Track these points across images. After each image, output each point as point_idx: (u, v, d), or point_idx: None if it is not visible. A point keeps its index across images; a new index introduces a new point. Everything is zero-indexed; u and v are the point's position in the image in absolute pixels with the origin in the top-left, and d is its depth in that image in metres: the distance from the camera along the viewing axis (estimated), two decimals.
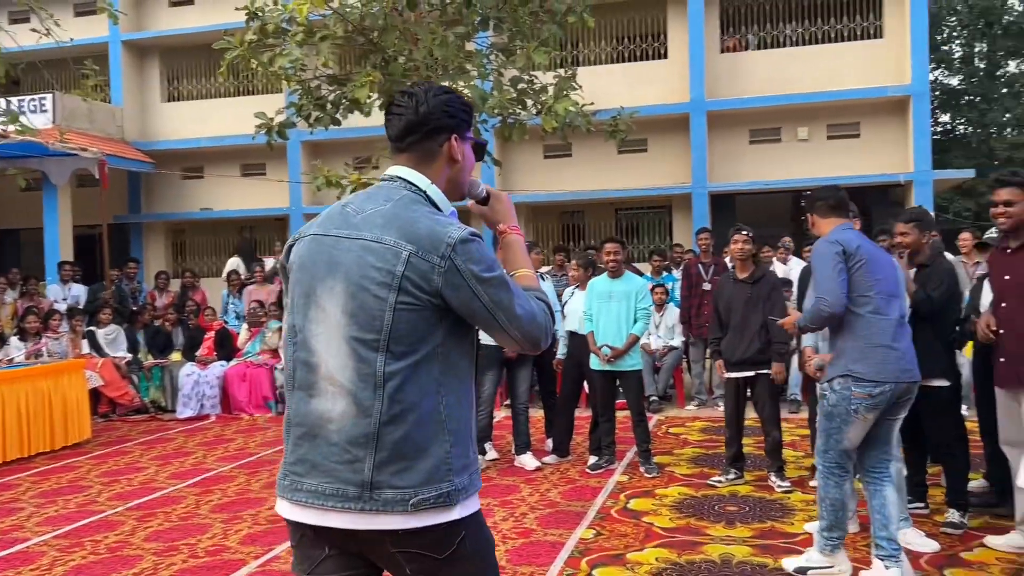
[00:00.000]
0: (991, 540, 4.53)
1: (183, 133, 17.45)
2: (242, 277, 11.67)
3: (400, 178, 2.02)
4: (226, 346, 10.27)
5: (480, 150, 2.15)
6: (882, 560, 3.97)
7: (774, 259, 10.07)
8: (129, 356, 10.16)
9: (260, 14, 9.46)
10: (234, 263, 12.19)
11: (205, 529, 5.29)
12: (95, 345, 10.05)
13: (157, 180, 17.73)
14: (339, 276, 1.90)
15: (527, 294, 1.98)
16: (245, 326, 10.47)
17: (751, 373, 5.88)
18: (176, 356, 10.38)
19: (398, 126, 2.03)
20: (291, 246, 2.06)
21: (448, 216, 1.98)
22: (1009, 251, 4.40)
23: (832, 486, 4.04)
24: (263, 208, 17.28)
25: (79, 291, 11.70)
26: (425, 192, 2.01)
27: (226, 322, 10.99)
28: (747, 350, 5.84)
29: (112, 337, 10.22)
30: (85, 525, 5.47)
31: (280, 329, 10.07)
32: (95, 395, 9.50)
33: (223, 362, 9.99)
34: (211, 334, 10.36)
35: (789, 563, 4.27)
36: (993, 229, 5.72)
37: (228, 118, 16.78)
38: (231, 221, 17.87)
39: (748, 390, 6.00)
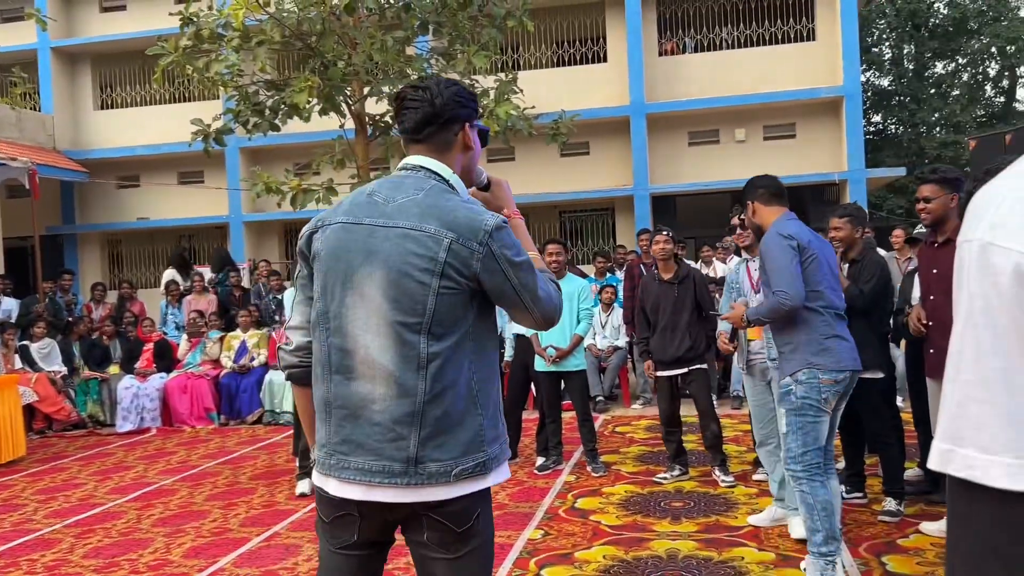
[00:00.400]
0: (926, 526, 4.66)
1: (117, 141, 17.08)
2: (181, 287, 11.46)
3: (424, 167, 2.11)
4: (166, 358, 10.08)
5: (484, 136, 2.23)
6: (821, 556, 3.93)
7: (714, 258, 10.23)
8: (64, 370, 9.90)
9: (195, 19, 9.32)
10: (170, 274, 11.97)
11: (147, 544, 5.17)
12: (28, 360, 9.76)
13: (91, 190, 17.33)
14: (378, 263, 1.98)
15: (543, 276, 2.12)
16: (185, 337, 10.28)
17: (684, 370, 5.97)
18: (114, 369, 10.14)
19: (415, 118, 2.11)
20: (312, 233, 2.10)
21: (474, 203, 2.10)
22: (936, 245, 4.55)
23: (819, 487, 3.80)
24: (202, 216, 17.01)
25: (10, 305, 11.34)
26: (448, 180, 2.11)
27: (165, 333, 10.78)
28: (678, 348, 5.92)
29: (46, 351, 9.95)
30: (21, 544, 5.31)
31: (221, 338, 9.92)
32: (29, 411, 9.23)
33: (163, 374, 9.79)
34: (150, 346, 10.14)
35: None
36: (921, 225, 5.91)
37: (164, 125, 16.49)
38: (169, 230, 17.55)
39: (681, 386, 6.09)
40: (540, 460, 6.62)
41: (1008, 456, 0.72)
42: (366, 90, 10.08)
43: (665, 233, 6.03)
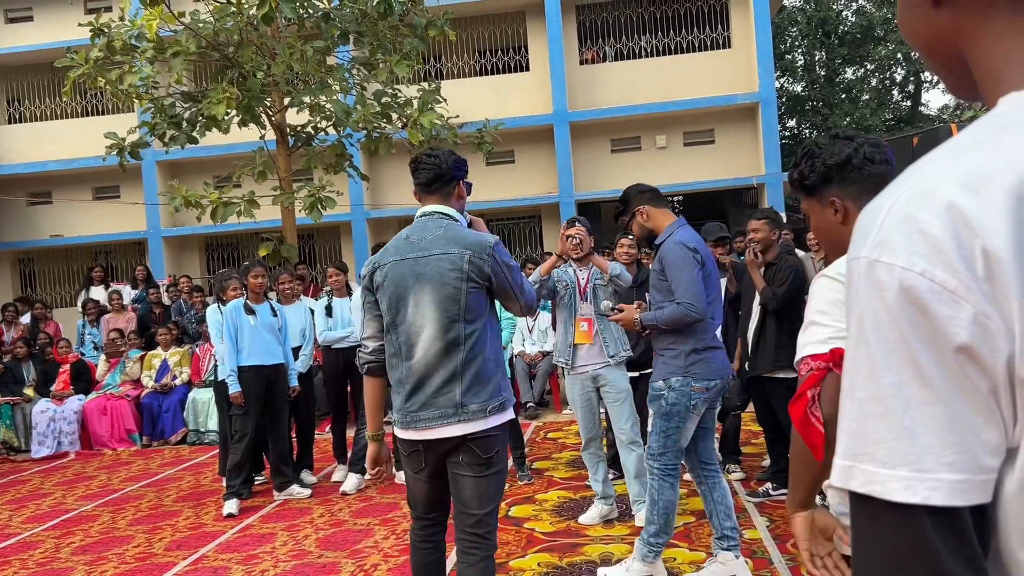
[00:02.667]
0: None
1: (28, 156, 16.45)
2: (98, 305, 11.10)
3: (437, 212, 3.13)
4: (83, 379, 9.74)
5: (469, 188, 3.26)
6: (730, 550, 4.08)
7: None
8: None
9: (106, 31, 9.07)
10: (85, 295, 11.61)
11: (66, 574, 4.98)
12: None
13: (1, 207, 16.67)
14: (425, 280, 2.99)
15: (525, 277, 3.19)
16: (103, 357, 9.95)
17: (636, 374, 5.99)
18: (28, 392, 9.75)
19: (428, 176, 3.14)
20: (373, 272, 3.11)
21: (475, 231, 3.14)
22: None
23: (667, 488, 3.99)
24: (119, 232, 16.50)
25: None
26: (455, 218, 3.13)
27: (83, 354, 10.43)
28: (633, 351, 5.93)
29: None
30: None
31: (141, 357, 9.64)
32: None
33: (81, 396, 9.46)
34: (66, 367, 9.79)
35: (604, 573, 4.22)
36: None
37: (76, 139, 15.96)
38: (84, 247, 16.99)
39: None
40: None
41: (905, 469, 0.73)
42: (286, 100, 9.95)
43: (629, 237, 5.97)
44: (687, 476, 5.98)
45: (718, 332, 4.22)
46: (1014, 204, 0.70)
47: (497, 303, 3.17)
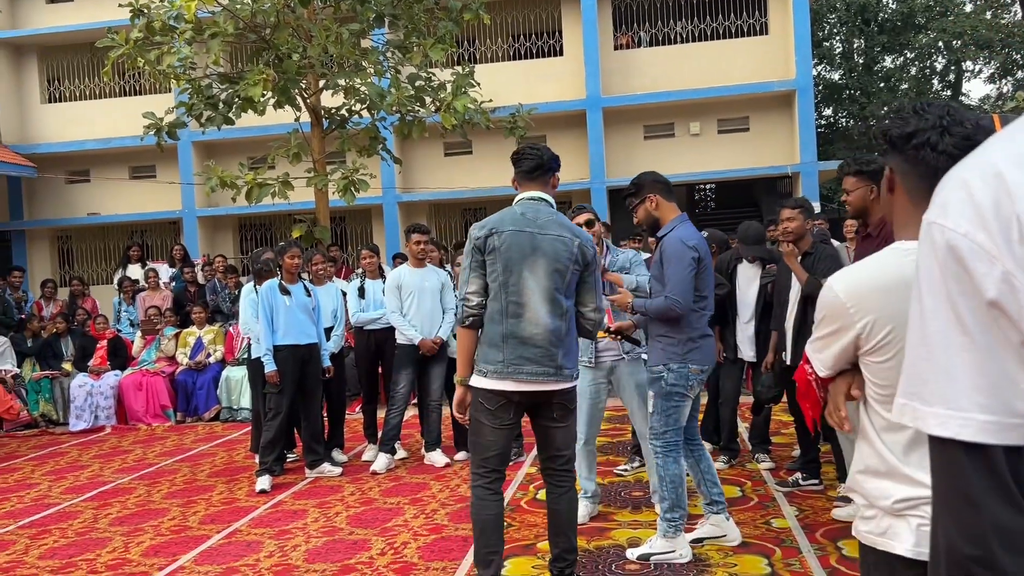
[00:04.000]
0: (837, 512, 4.78)
1: (66, 135, 16.70)
2: (135, 283, 11.28)
3: (544, 200, 3.62)
4: (120, 355, 9.92)
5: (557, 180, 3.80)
6: (719, 513, 4.42)
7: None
8: (16, 370, 9.69)
9: (145, 11, 9.17)
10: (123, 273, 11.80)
11: (104, 543, 5.11)
12: None
13: (40, 185, 16.95)
14: (541, 254, 3.47)
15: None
16: (139, 333, 10.12)
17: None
18: (67, 367, 9.95)
19: (531, 164, 3.64)
20: (488, 236, 3.49)
21: None
22: (865, 237, 4.54)
23: (672, 463, 4.26)
24: (154, 212, 16.73)
25: None
26: (554, 206, 3.64)
27: (119, 331, 10.61)
28: None
29: (1, 350, 9.74)
30: None
31: (176, 335, 9.79)
32: None
33: (117, 372, 9.64)
34: (103, 343, 9.98)
35: (632, 553, 4.31)
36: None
37: (115, 119, 16.17)
38: (121, 226, 17.24)
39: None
40: None
41: (940, 407, 0.84)
42: (321, 83, 10.01)
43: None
44: (716, 464, 6.02)
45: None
46: None
47: None
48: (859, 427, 1.89)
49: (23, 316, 10.72)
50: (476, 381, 3.50)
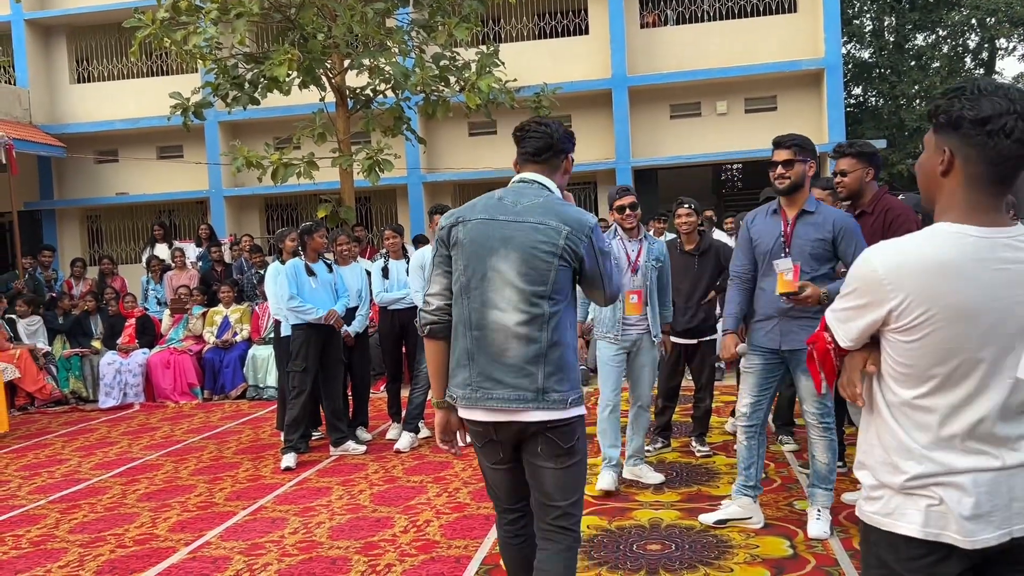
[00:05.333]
0: (847, 496, 4.76)
1: (95, 115, 16.84)
2: (163, 262, 11.40)
3: (537, 182, 2.85)
4: (148, 333, 10.04)
5: (571, 163, 3.00)
6: (753, 497, 4.50)
7: (651, 231, 10.17)
8: (47, 348, 9.84)
9: None
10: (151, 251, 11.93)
11: (132, 518, 5.19)
12: (15, 335, 9.70)
13: (69, 165, 17.13)
14: (512, 247, 2.69)
15: (614, 264, 2.92)
16: (167, 312, 10.24)
17: (694, 341, 6.00)
18: (96, 344, 10.10)
19: (537, 145, 2.85)
20: (453, 226, 2.79)
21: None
22: (861, 214, 4.48)
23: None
24: (181, 191, 16.86)
25: None
26: (553, 191, 2.85)
27: (147, 309, 10.73)
28: (692, 319, 5.95)
29: (34, 328, 9.90)
30: (5, 520, 5.32)
31: (203, 314, 9.89)
32: (11, 388, 9.19)
33: (145, 350, 9.76)
34: (132, 321, 10.10)
35: (707, 517, 4.52)
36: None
37: (142, 99, 16.29)
38: (148, 205, 17.39)
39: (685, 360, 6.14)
40: None
41: None
42: (346, 63, 10.02)
43: (688, 206, 5.96)
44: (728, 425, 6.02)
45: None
46: None
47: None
48: (871, 404, 1.87)
49: (54, 295, 10.88)
50: (460, 409, 2.80)
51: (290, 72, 8.98)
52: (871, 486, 1.85)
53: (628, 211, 5.26)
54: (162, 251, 12.00)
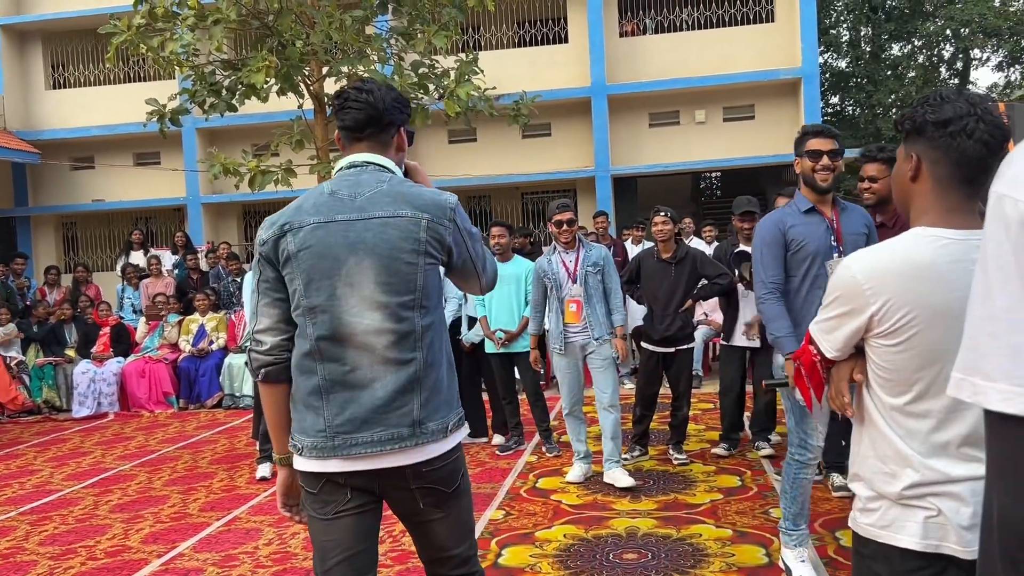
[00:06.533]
0: (837, 478, 4.79)
1: (71, 122, 16.70)
2: (138, 270, 11.29)
3: (371, 163, 2.30)
4: (123, 341, 9.94)
5: (411, 137, 2.43)
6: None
7: (629, 239, 10.24)
8: (21, 357, 9.72)
9: None
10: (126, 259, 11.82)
11: (104, 530, 5.12)
12: None
13: (44, 171, 16.96)
14: (364, 252, 2.15)
15: (484, 246, 2.42)
16: (143, 320, 10.14)
17: (671, 350, 6.01)
18: (70, 353, 9.98)
19: (358, 118, 2.28)
20: (279, 237, 2.20)
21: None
22: (880, 226, 4.45)
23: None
24: (159, 198, 16.74)
25: None
26: (394, 172, 2.32)
27: (122, 317, 10.63)
28: (669, 328, 5.96)
29: (10, 339, 9.76)
30: None
31: (179, 322, 9.80)
32: None
33: (120, 358, 9.66)
34: (106, 330, 10.00)
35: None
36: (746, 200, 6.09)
37: (118, 105, 16.16)
38: (125, 212, 17.25)
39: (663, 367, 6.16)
40: (498, 438, 6.68)
41: (1005, 383, 0.84)
42: (325, 70, 9.97)
43: (664, 214, 6.00)
44: (716, 450, 6.03)
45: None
46: None
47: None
48: (863, 413, 1.87)
49: (27, 303, 10.75)
50: (296, 462, 2.23)
51: (268, 79, 8.92)
52: (867, 497, 1.84)
53: (566, 227, 5.45)
54: (137, 258, 11.89)
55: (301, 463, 2.20)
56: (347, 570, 2.21)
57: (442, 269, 2.30)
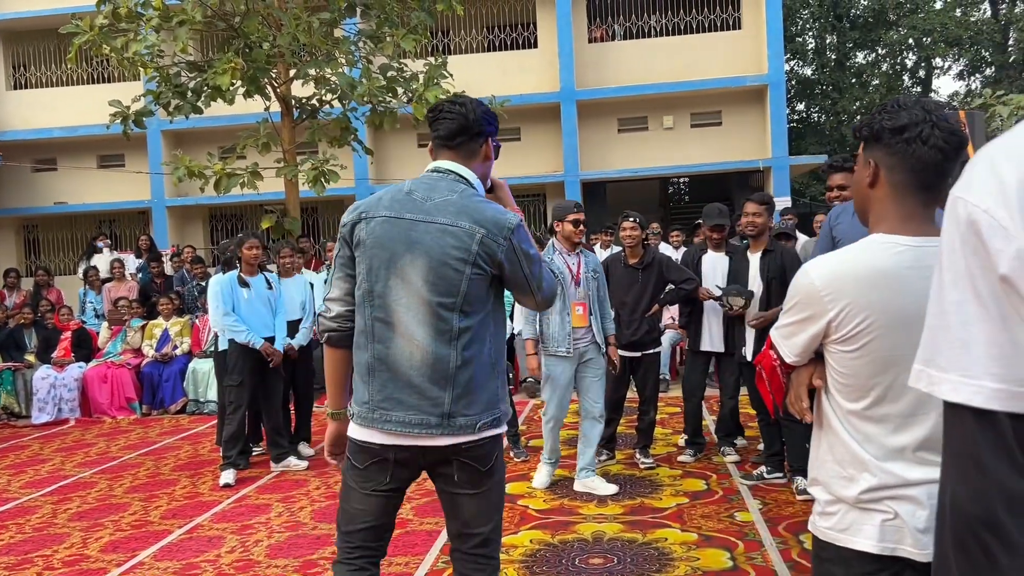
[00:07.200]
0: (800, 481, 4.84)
1: (33, 123, 16.43)
2: (100, 273, 11.12)
3: (453, 172, 2.52)
4: (84, 346, 9.77)
5: (497, 150, 2.67)
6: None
7: (597, 244, 10.28)
8: None
9: None
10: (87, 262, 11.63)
11: (62, 539, 5.02)
12: None
13: (5, 173, 16.66)
14: (420, 252, 2.39)
15: (546, 268, 2.60)
16: (105, 324, 9.98)
17: (638, 354, 6.02)
18: (30, 358, 9.79)
19: (450, 127, 2.53)
20: (356, 223, 2.49)
21: (498, 205, 2.55)
22: None
23: None
24: (123, 201, 16.52)
25: None
26: (472, 183, 2.53)
27: (84, 322, 10.45)
28: (636, 332, 5.96)
29: None
30: None
31: (142, 327, 9.66)
32: None
33: (81, 363, 9.50)
34: (68, 334, 9.82)
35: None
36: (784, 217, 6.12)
37: (82, 106, 15.94)
38: (88, 215, 17.01)
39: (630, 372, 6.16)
40: None
41: (955, 374, 0.91)
42: (292, 72, 9.90)
43: (632, 219, 6.00)
44: (682, 457, 6.06)
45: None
46: None
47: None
48: (821, 418, 1.88)
49: None
50: (350, 429, 2.52)
51: (234, 81, 8.83)
52: (826, 501, 1.85)
53: (582, 227, 5.45)
54: (100, 262, 11.71)
55: (353, 429, 2.50)
56: (368, 536, 2.55)
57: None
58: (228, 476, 6.07)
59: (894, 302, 1.70)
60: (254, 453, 6.84)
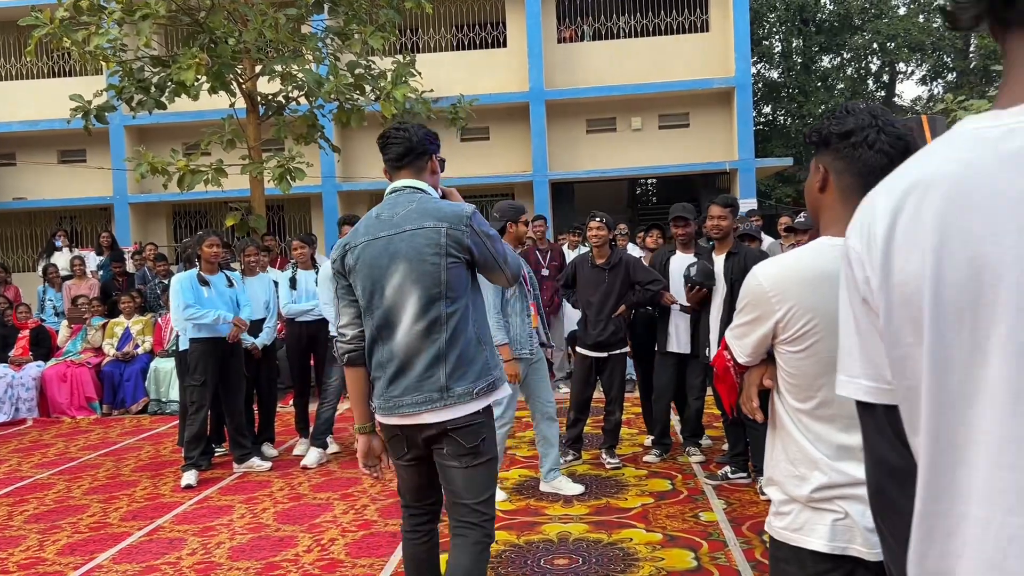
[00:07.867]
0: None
1: None
2: (60, 271, 10.93)
3: (409, 187, 2.92)
4: (43, 345, 9.59)
5: (442, 163, 3.06)
6: None
7: (565, 244, 10.29)
8: None
9: None
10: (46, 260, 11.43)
11: (18, 542, 4.92)
12: None
13: None
14: (400, 259, 2.79)
15: (507, 245, 3.06)
16: (65, 323, 9.81)
17: (604, 355, 6.01)
18: None
19: (398, 151, 2.93)
20: (344, 255, 2.90)
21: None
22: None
23: None
24: (84, 197, 16.24)
25: None
26: (427, 191, 2.92)
27: (43, 320, 10.26)
28: (602, 333, 5.95)
29: None
30: None
31: (103, 325, 9.51)
32: None
33: (40, 362, 9.32)
34: (26, 333, 9.63)
35: None
36: (803, 214, 6.11)
37: (42, 100, 15.65)
38: (48, 211, 16.70)
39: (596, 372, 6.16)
40: None
41: (843, 375, 1.12)
42: (258, 68, 9.81)
43: (599, 219, 5.98)
44: (647, 458, 6.08)
45: None
46: (898, 200, 0.99)
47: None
48: (775, 418, 1.90)
49: None
50: (377, 415, 2.97)
51: (198, 77, 8.72)
52: (780, 501, 1.87)
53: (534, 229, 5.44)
54: (60, 259, 11.50)
55: (379, 416, 2.94)
56: (410, 497, 3.08)
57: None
58: (190, 477, 5.98)
59: (837, 304, 1.72)
60: (217, 454, 6.75)
